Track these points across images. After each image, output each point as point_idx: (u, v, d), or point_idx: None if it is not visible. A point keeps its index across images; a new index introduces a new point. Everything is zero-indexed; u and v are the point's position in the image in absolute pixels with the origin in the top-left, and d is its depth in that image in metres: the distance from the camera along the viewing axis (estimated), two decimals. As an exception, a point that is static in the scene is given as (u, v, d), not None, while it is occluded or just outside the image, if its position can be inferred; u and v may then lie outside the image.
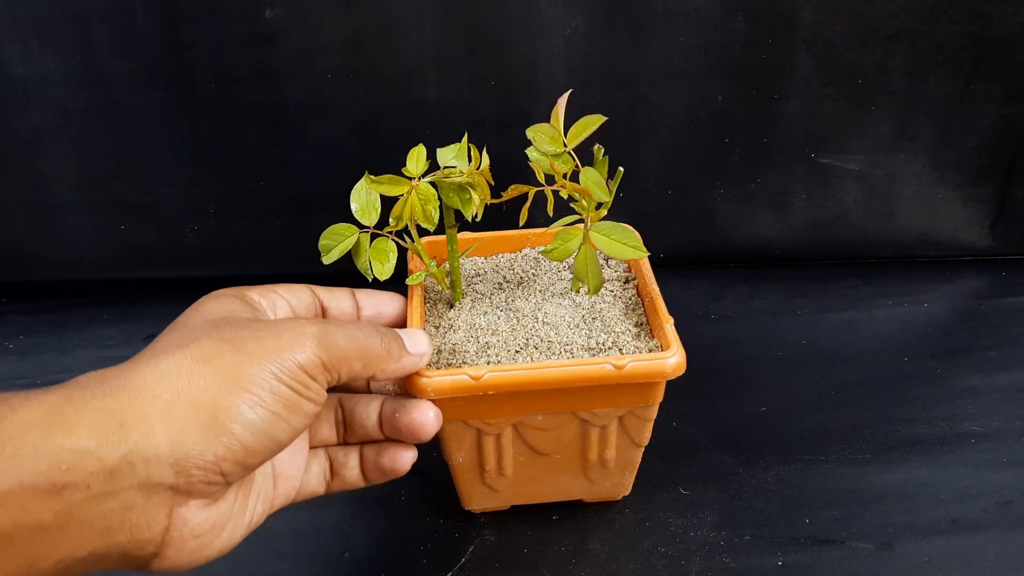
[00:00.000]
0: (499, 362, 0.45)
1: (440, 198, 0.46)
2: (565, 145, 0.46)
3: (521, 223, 0.47)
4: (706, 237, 0.72)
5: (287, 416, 0.34)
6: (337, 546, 0.50)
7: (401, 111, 0.65)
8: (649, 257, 0.52)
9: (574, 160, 0.47)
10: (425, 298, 0.51)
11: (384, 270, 0.46)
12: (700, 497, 0.52)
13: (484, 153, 0.46)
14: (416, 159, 0.46)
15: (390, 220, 0.46)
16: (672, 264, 0.73)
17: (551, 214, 0.47)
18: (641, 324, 0.48)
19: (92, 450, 0.30)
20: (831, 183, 0.69)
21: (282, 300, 0.43)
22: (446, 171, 0.46)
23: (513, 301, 0.50)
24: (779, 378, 0.62)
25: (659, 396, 0.45)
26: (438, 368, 0.45)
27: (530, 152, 0.47)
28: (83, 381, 0.32)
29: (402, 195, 0.45)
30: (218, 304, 0.38)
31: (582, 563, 0.48)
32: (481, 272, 0.54)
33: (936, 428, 0.57)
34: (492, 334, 0.47)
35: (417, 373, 0.43)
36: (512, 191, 0.46)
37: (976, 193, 0.70)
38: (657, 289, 0.49)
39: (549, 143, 0.46)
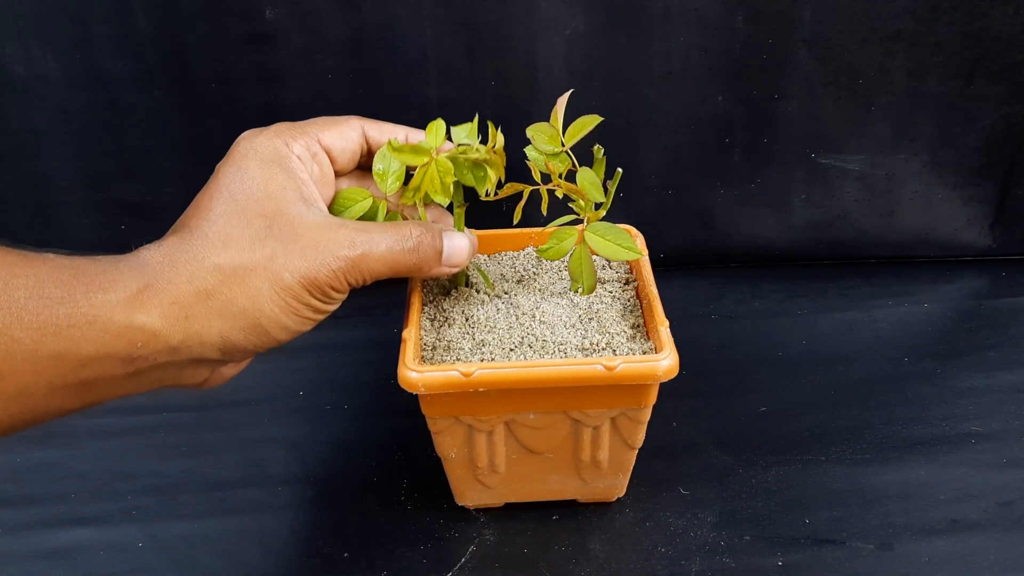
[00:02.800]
0: (493, 359, 0.45)
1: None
2: (563, 144, 0.46)
3: (515, 221, 0.47)
4: (706, 237, 0.72)
5: (314, 316, 0.42)
6: (337, 546, 0.50)
7: (401, 111, 0.65)
8: (649, 257, 0.52)
9: (571, 160, 0.47)
10: (426, 289, 0.51)
11: None
12: (700, 497, 0.52)
13: (499, 132, 0.46)
14: (435, 132, 0.46)
15: (407, 191, 0.46)
16: (672, 264, 0.73)
17: (545, 213, 0.47)
18: (638, 326, 0.48)
19: (161, 333, 0.37)
20: (831, 183, 0.69)
21: (323, 155, 0.45)
22: (462, 148, 0.46)
23: (512, 299, 0.50)
24: (779, 378, 0.62)
25: (652, 398, 0.45)
26: (431, 363, 0.45)
27: (528, 151, 0.47)
28: (158, 267, 0.38)
29: (421, 165, 0.45)
30: (265, 178, 0.42)
31: (582, 563, 0.48)
32: (482, 269, 0.54)
33: (936, 428, 0.57)
34: (488, 331, 0.47)
35: (406, 367, 0.43)
36: (508, 189, 0.46)
37: (976, 193, 0.70)
38: (655, 291, 0.49)
39: (548, 142, 0.47)
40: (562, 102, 0.47)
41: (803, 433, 0.57)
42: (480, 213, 0.53)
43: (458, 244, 0.46)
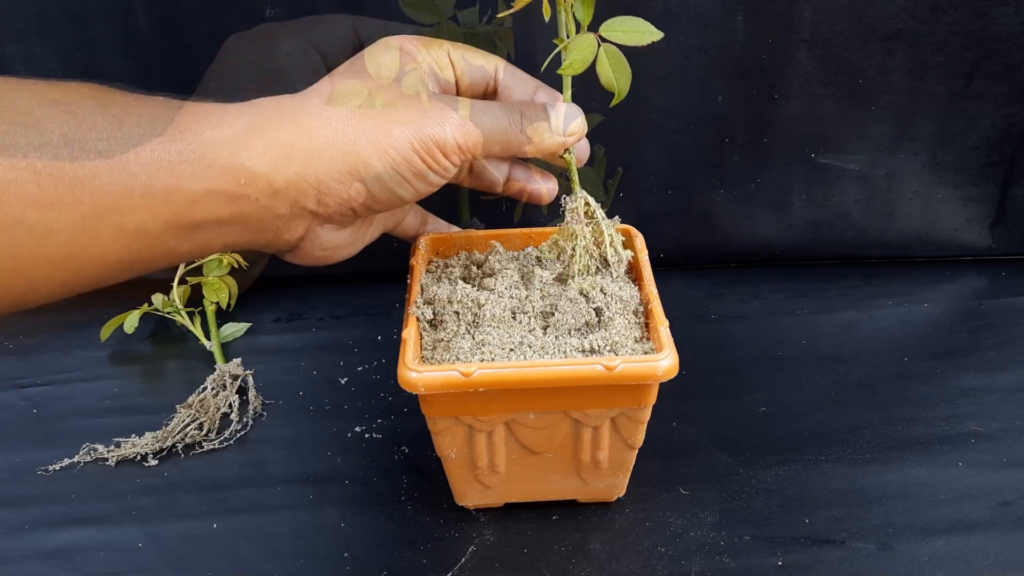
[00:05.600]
0: (493, 359, 0.45)
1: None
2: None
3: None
4: (706, 237, 0.72)
5: (414, 181, 0.41)
6: (337, 546, 0.50)
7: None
8: (649, 257, 0.52)
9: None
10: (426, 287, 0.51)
11: None
12: (700, 497, 0.52)
13: (509, 11, 0.45)
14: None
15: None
16: (672, 264, 0.73)
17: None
18: (638, 326, 0.48)
19: (264, 173, 0.38)
20: (831, 183, 0.69)
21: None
22: (471, 24, 0.45)
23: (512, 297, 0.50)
24: (779, 378, 0.62)
25: (652, 398, 0.45)
26: (431, 363, 0.45)
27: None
28: (265, 109, 0.39)
29: (433, 25, 0.45)
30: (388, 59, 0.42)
31: (582, 563, 0.48)
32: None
33: (936, 428, 0.57)
34: (488, 331, 0.47)
35: (406, 367, 0.43)
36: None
37: (976, 193, 0.70)
38: (655, 291, 0.49)
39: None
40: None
41: (803, 433, 0.57)
42: (480, 213, 0.53)
43: (568, 109, 0.45)
